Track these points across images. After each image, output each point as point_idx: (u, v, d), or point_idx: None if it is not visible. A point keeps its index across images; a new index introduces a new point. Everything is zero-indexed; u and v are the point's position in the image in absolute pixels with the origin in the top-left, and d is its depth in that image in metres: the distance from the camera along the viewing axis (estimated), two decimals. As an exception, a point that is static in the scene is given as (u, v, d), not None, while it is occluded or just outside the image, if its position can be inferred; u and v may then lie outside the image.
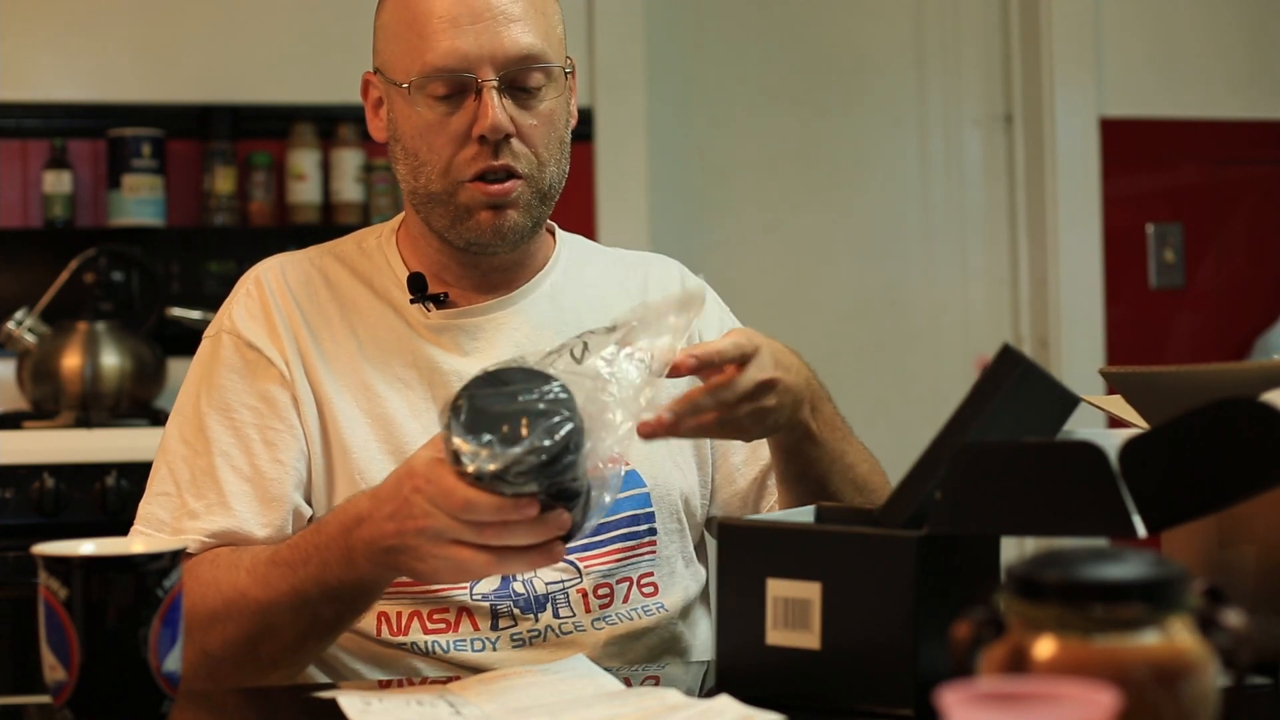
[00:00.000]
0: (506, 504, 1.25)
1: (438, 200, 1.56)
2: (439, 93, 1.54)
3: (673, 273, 1.74)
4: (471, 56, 1.52)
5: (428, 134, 1.55)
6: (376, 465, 1.54)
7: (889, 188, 3.88)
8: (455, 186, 1.55)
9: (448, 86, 1.54)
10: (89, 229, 3.32)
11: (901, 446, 1.90)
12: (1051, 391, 1.24)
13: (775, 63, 3.83)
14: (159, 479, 1.55)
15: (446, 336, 1.60)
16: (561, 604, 1.55)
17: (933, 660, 1.16)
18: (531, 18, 1.55)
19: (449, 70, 1.53)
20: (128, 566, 1.17)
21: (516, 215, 1.56)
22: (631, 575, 1.59)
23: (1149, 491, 1.10)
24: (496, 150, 1.53)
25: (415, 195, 1.58)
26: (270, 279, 1.62)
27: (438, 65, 1.53)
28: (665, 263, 1.76)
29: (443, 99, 1.54)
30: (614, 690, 1.27)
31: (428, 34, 1.53)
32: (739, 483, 1.67)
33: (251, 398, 1.55)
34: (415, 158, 1.56)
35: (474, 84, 1.53)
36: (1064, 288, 3.78)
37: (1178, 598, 0.87)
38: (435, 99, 1.54)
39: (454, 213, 1.56)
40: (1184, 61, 3.87)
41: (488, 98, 1.52)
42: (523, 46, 1.54)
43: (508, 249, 1.59)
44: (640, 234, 3.52)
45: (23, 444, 2.84)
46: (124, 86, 3.37)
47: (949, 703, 0.77)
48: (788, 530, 1.24)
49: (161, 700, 1.18)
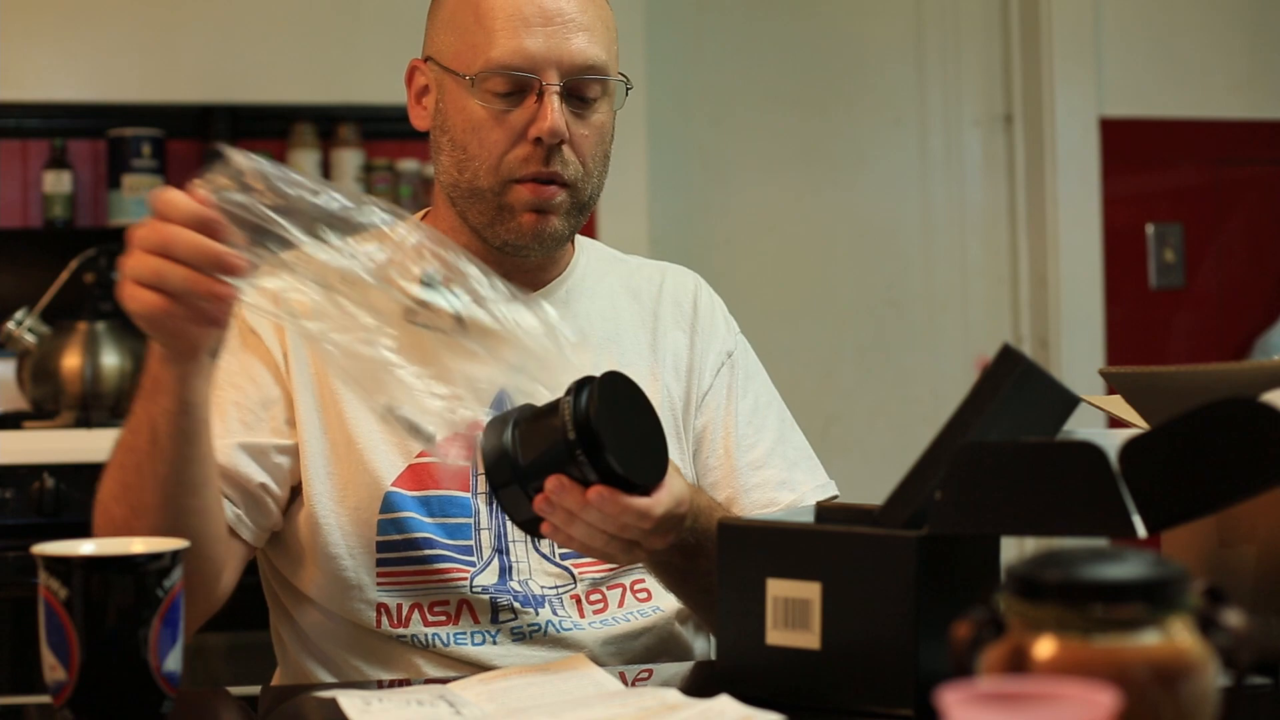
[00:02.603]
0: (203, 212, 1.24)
1: (481, 196, 1.56)
2: (500, 89, 1.54)
3: (687, 284, 1.74)
4: (538, 58, 1.53)
5: (481, 129, 1.55)
6: (381, 457, 1.54)
7: (889, 188, 3.88)
8: (503, 185, 1.55)
9: (509, 84, 1.54)
10: (89, 229, 3.33)
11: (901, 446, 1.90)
12: (1051, 391, 1.24)
13: (775, 62, 3.83)
14: None
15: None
16: (557, 606, 1.55)
17: (933, 660, 1.16)
18: (598, 30, 1.56)
19: (514, 68, 1.53)
20: (128, 566, 1.17)
21: (558, 221, 1.57)
22: (624, 581, 1.60)
23: (1149, 491, 1.10)
24: (549, 155, 1.54)
25: (456, 189, 1.58)
26: None
27: (504, 62, 1.53)
28: (681, 274, 1.75)
29: (502, 96, 1.54)
30: (614, 690, 1.27)
31: (495, 30, 1.54)
32: None
33: (241, 379, 1.56)
34: (463, 151, 1.56)
35: (536, 85, 1.53)
36: (1064, 288, 3.78)
37: (1178, 598, 0.87)
38: (495, 94, 1.54)
39: (496, 210, 1.56)
40: (1184, 61, 3.87)
41: (549, 101, 1.53)
42: (589, 56, 1.55)
43: (543, 253, 1.60)
44: (640, 234, 3.52)
45: (23, 444, 2.85)
46: (124, 86, 3.38)
47: (949, 703, 0.77)
48: (788, 530, 1.24)
49: (161, 700, 1.18)
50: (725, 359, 1.69)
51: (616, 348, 1.66)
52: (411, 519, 1.53)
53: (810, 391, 3.77)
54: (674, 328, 1.69)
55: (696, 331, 1.70)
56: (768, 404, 1.71)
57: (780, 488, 1.65)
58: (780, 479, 1.65)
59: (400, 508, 1.54)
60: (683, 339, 1.69)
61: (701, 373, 1.68)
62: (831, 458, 1.86)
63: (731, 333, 1.73)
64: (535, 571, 1.56)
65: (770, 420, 1.69)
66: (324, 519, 1.54)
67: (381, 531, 1.54)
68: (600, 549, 1.36)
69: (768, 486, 1.65)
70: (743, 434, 1.66)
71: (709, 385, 1.68)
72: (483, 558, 1.55)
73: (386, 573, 1.54)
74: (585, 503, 1.31)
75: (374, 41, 3.34)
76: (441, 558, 1.53)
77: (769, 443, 1.67)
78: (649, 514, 1.33)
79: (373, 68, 3.35)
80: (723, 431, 1.66)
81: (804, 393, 3.71)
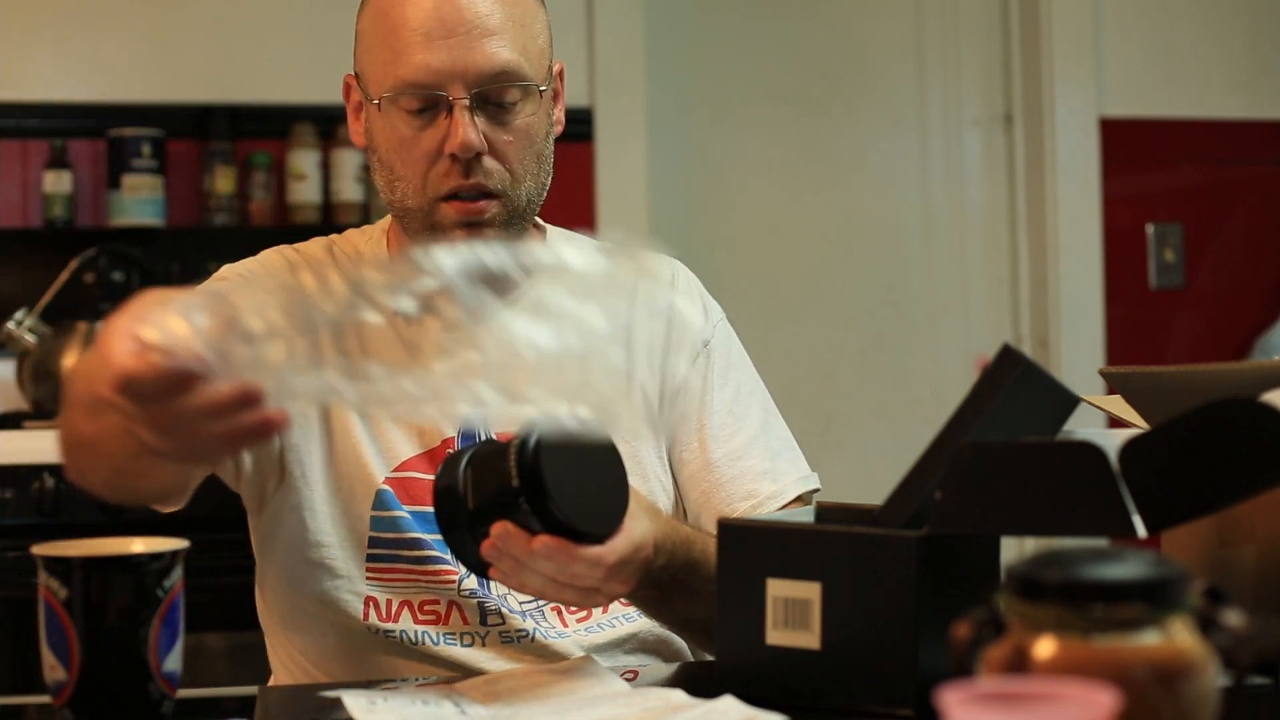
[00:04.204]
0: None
1: (413, 215, 1.54)
2: (411, 107, 1.51)
3: (663, 272, 1.69)
4: (443, 72, 1.49)
5: (401, 149, 1.52)
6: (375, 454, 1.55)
7: (889, 188, 3.88)
8: (431, 204, 1.52)
9: (419, 101, 1.51)
10: (89, 229, 3.32)
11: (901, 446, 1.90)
12: (1051, 391, 1.24)
13: (775, 62, 3.83)
14: None
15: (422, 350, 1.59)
16: (539, 618, 1.54)
17: (933, 660, 1.16)
18: (509, 31, 1.51)
19: (419, 86, 1.50)
20: (128, 566, 1.17)
21: (492, 234, 1.52)
22: None
23: (1149, 491, 1.10)
24: (468, 168, 1.51)
25: (393, 207, 1.57)
26: (271, 255, 1.62)
27: (409, 80, 1.50)
28: (659, 263, 1.70)
29: (415, 114, 1.51)
30: (619, 691, 1.27)
31: (400, 47, 1.50)
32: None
33: None
34: (391, 170, 1.54)
35: (445, 100, 1.50)
36: (1064, 288, 3.78)
37: (1178, 598, 0.87)
38: (408, 113, 1.51)
39: (429, 229, 1.53)
40: (1184, 61, 3.87)
41: (458, 116, 1.49)
42: (497, 63, 1.50)
43: None
44: (640, 234, 3.52)
45: (23, 444, 2.85)
46: (124, 86, 3.38)
47: (949, 703, 0.77)
48: (788, 530, 1.24)
49: (161, 700, 1.18)
50: (701, 349, 1.65)
51: None
52: (403, 518, 1.53)
53: (810, 391, 3.77)
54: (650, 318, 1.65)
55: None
56: (750, 393, 1.66)
57: (762, 478, 1.61)
58: (762, 469, 1.61)
59: (393, 505, 1.53)
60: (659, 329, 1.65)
61: (676, 364, 1.64)
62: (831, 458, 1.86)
63: (710, 322, 1.68)
64: None
65: (753, 409, 1.65)
66: (317, 508, 1.53)
67: (374, 527, 1.53)
68: (554, 596, 1.33)
69: (748, 477, 1.61)
70: (721, 424, 1.62)
71: (684, 377, 1.64)
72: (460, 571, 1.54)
73: (376, 568, 1.53)
74: (531, 551, 1.28)
75: (374, 41, 3.34)
76: (433, 558, 1.52)
77: (750, 432, 1.63)
78: (601, 563, 1.29)
79: (373, 68, 3.35)
80: (698, 423, 1.62)
81: (804, 393, 3.71)
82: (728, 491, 1.61)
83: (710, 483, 1.61)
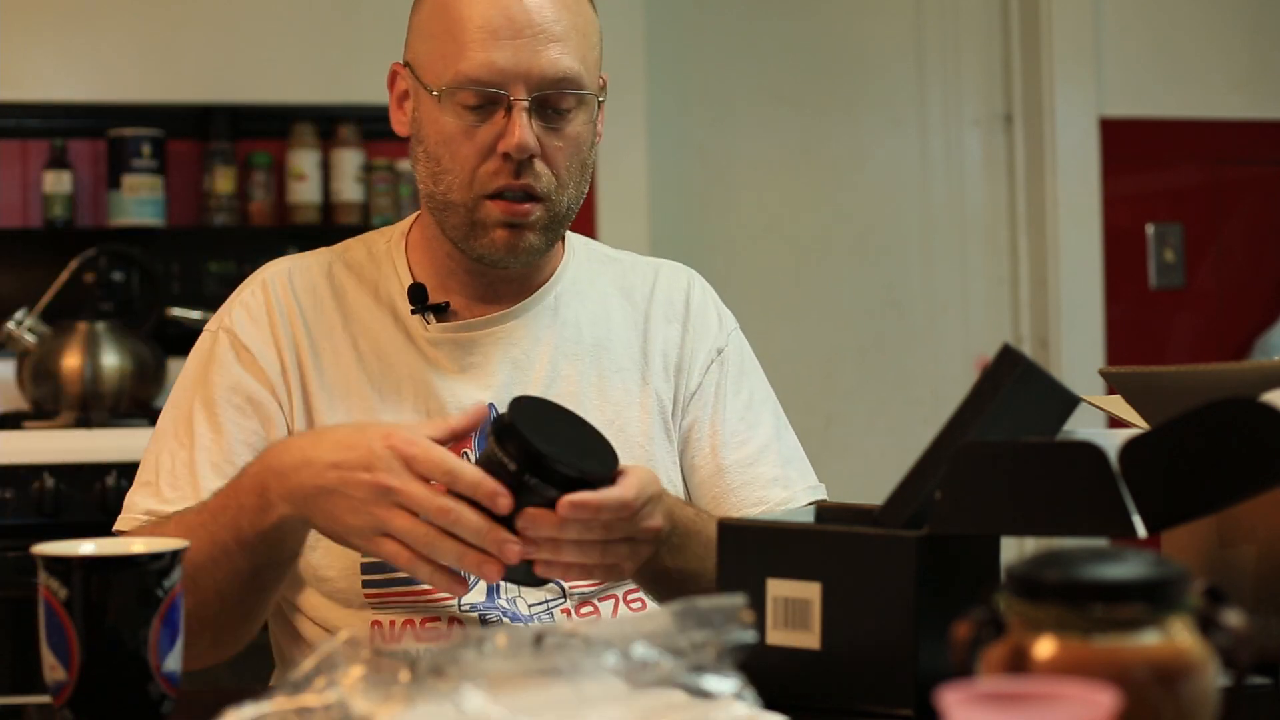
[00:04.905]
0: (487, 483, 1.25)
1: (455, 210, 1.54)
2: (469, 103, 1.51)
3: (680, 280, 1.70)
4: (507, 72, 1.50)
5: (452, 143, 1.52)
6: None
7: (889, 188, 3.88)
8: (476, 200, 1.53)
9: (478, 98, 1.51)
10: (89, 229, 3.33)
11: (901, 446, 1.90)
12: (1051, 391, 1.24)
13: (775, 62, 3.83)
14: (145, 467, 1.56)
15: (443, 351, 1.59)
16: (547, 622, 1.53)
17: (933, 660, 1.16)
18: (572, 39, 1.52)
19: (481, 83, 1.50)
20: (128, 566, 1.17)
21: (533, 237, 1.54)
22: (617, 593, 1.58)
23: (1149, 491, 1.10)
24: (519, 169, 1.51)
25: (433, 199, 1.56)
26: (277, 284, 1.61)
27: (471, 76, 1.50)
28: (675, 270, 1.72)
29: (472, 109, 1.51)
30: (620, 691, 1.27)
31: (464, 42, 1.50)
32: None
33: (237, 397, 1.56)
34: (437, 163, 1.54)
35: (505, 100, 1.51)
36: (1064, 288, 3.78)
37: (1178, 598, 0.87)
38: (464, 108, 1.52)
39: (470, 225, 1.54)
40: (1184, 61, 3.87)
41: (518, 116, 1.50)
42: (560, 69, 1.51)
43: (519, 266, 1.59)
44: (640, 234, 3.52)
45: (23, 444, 2.85)
46: (124, 86, 3.38)
47: (949, 703, 0.77)
48: (788, 530, 1.24)
49: (162, 700, 1.18)
50: (715, 356, 1.66)
51: (607, 353, 1.63)
52: None
53: (810, 391, 3.77)
54: (666, 324, 1.66)
55: (688, 329, 1.67)
56: (763, 401, 1.68)
57: (773, 484, 1.62)
58: (773, 475, 1.62)
59: None
60: (674, 335, 1.66)
61: (690, 371, 1.65)
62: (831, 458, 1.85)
63: (725, 330, 1.70)
64: (523, 590, 1.54)
65: (765, 417, 1.66)
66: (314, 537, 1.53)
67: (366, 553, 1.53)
68: (599, 561, 1.33)
69: (759, 484, 1.62)
70: (733, 431, 1.63)
71: (698, 383, 1.65)
72: (469, 578, 1.53)
73: (374, 594, 1.53)
74: (560, 520, 1.28)
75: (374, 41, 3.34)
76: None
77: (763, 439, 1.64)
78: (625, 501, 1.30)
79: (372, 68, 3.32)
80: (709, 429, 1.63)
81: (804, 393, 3.71)
82: (739, 497, 1.62)
83: (721, 488, 1.62)
